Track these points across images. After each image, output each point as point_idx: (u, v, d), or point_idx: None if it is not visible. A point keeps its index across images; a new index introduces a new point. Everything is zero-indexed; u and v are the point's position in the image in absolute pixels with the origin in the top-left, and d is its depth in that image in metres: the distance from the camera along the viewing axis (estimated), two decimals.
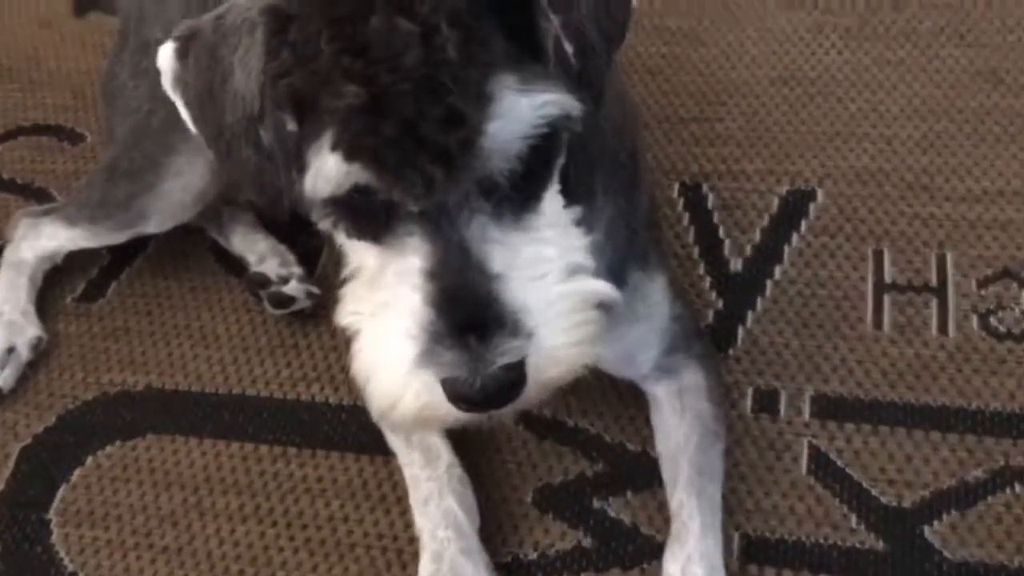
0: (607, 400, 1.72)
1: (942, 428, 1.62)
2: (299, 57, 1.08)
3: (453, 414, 1.15)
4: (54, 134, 2.27)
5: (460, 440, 1.63)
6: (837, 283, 1.79)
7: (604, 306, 1.20)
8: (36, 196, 2.15)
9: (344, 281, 1.23)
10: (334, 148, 1.06)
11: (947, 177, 1.89)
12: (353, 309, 1.20)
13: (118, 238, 1.90)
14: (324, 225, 1.19)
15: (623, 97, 1.59)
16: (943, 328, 1.72)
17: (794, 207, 1.89)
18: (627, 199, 1.47)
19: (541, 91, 1.10)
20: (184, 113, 1.24)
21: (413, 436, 1.62)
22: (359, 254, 1.19)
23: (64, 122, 2.29)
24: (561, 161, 1.20)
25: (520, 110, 1.08)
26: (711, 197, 1.93)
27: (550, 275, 1.15)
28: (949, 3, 2.12)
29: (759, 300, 1.79)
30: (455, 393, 1.11)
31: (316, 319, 1.89)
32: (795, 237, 1.86)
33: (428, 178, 1.05)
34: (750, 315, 1.78)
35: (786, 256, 1.84)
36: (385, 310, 1.15)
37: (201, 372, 1.86)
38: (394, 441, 1.65)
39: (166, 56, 1.23)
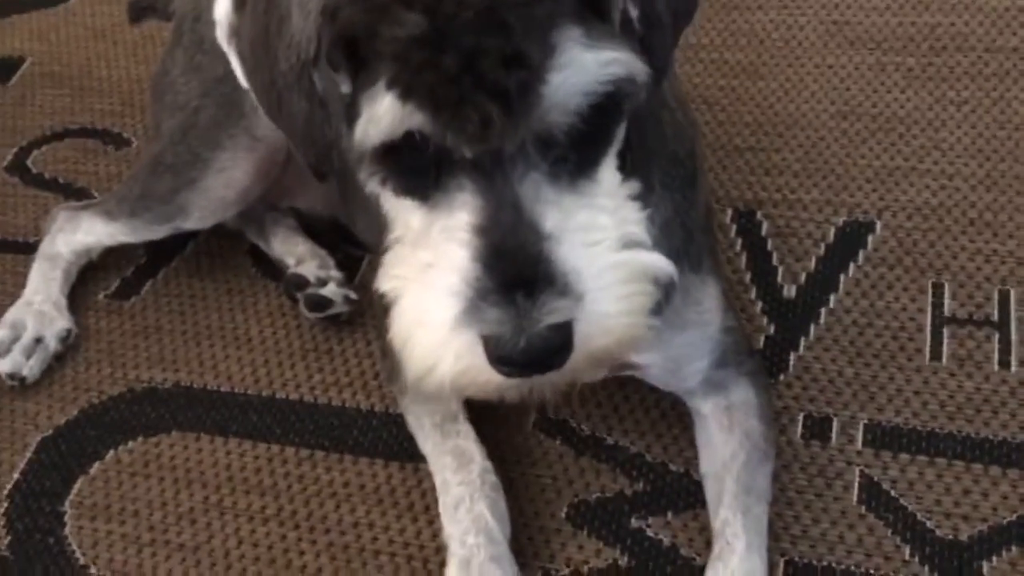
0: (650, 418, 1.65)
1: (1002, 463, 1.54)
2: None
3: (494, 379, 1.09)
4: (100, 138, 2.25)
5: (493, 450, 1.56)
6: (894, 314, 1.72)
7: (659, 283, 1.14)
8: (76, 196, 2.12)
9: (387, 248, 1.18)
10: (390, 86, 1.03)
11: (1011, 215, 1.82)
12: (395, 273, 1.15)
13: (157, 232, 1.86)
14: (372, 185, 1.15)
15: (683, 102, 1.55)
16: (1005, 363, 1.64)
17: (851, 237, 1.83)
18: (684, 197, 1.42)
19: (607, 48, 1.06)
20: (237, 66, 1.22)
21: (448, 441, 1.55)
22: (404, 215, 1.15)
23: (111, 127, 2.27)
24: (622, 132, 1.16)
25: (585, 63, 1.04)
26: (765, 224, 1.87)
27: (604, 243, 1.10)
28: (1016, 47, 2.08)
29: (812, 327, 1.73)
30: (498, 353, 1.06)
31: (352, 325, 1.83)
32: (852, 267, 1.79)
33: (485, 117, 1.00)
34: (803, 342, 1.71)
35: (842, 285, 1.77)
36: (429, 270, 1.10)
37: (232, 372, 1.81)
38: (425, 444, 1.58)
39: (223, 7, 1.20)
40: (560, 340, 1.06)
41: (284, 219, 1.97)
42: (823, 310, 1.74)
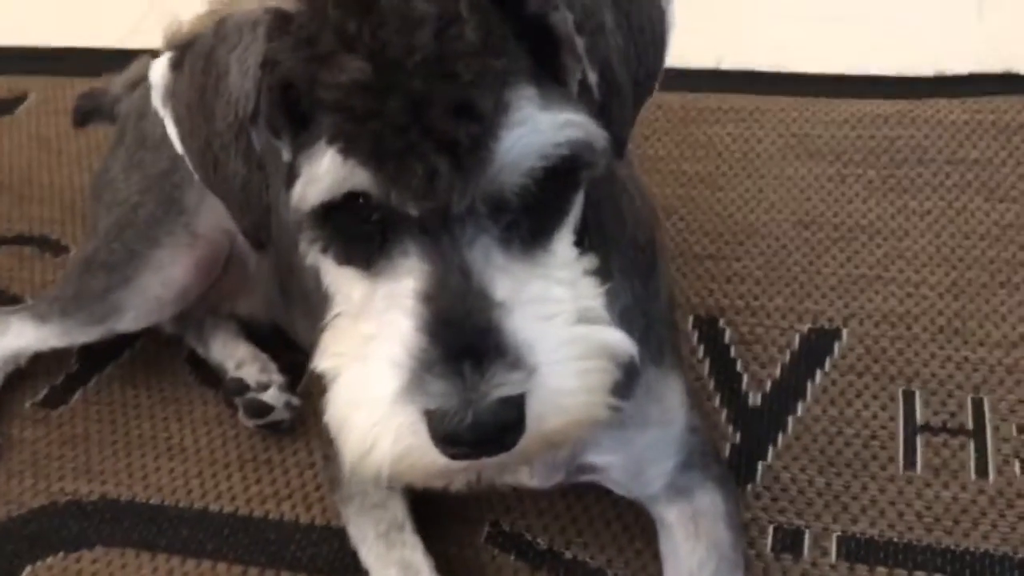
0: (611, 530, 1.54)
1: None
2: (300, 40, 0.98)
3: (438, 462, 0.99)
4: (37, 245, 2.16)
5: (442, 565, 1.45)
6: (865, 422, 1.65)
7: (618, 361, 1.05)
8: (10, 303, 2.00)
9: (327, 326, 1.09)
10: (331, 140, 0.96)
11: (980, 323, 1.77)
12: (335, 350, 1.06)
13: (90, 335, 1.75)
14: (312, 255, 1.07)
15: (643, 190, 1.49)
16: (983, 472, 1.56)
17: (817, 345, 1.77)
18: (644, 285, 1.35)
19: (565, 111, 1.00)
20: (172, 131, 1.14)
21: (393, 552, 1.43)
22: (346, 287, 1.07)
23: (49, 234, 2.18)
24: (579, 203, 1.10)
25: (540, 124, 0.98)
26: (728, 332, 1.80)
27: (560, 316, 1.02)
28: (977, 159, 2.06)
29: (780, 436, 1.64)
30: (443, 430, 0.96)
31: (294, 434, 1.73)
32: (819, 374, 1.72)
33: (431, 170, 0.93)
34: (770, 451, 1.62)
35: (809, 393, 1.70)
36: (370, 342, 1.01)
37: (162, 484, 1.69)
38: (368, 556, 1.46)
39: (159, 68, 1.14)
40: (511, 416, 0.97)
41: (224, 323, 1.87)
42: (790, 418, 1.67)
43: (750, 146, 2.17)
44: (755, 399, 1.70)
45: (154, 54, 2.08)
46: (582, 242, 1.11)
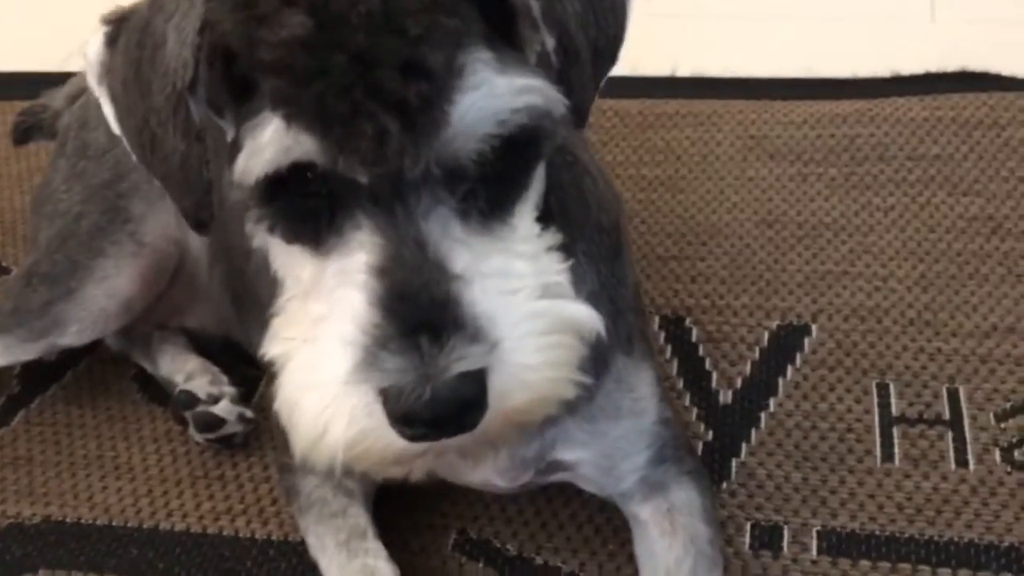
0: (583, 534, 1.48)
1: (971, 566, 1.39)
2: (239, 1, 0.92)
3: (395, 444, 0.93)
4: None
5: (408, 574, 1.38)
6: (840, 416, 1.60)
7: (584, 338, 1.00)
8: None
9: (277, 312, 1.03)
10: (274, 107, 0.90)
11: (951, 314, 1.73)
12: (284, 335, 1.00)
13: (30, 351, 1.67)
14: (259, 236, 1.01)
15: (604, 173, 1.44)
16: (962, 461, 1.52)
17: (787, 341, 1.72)
18: (611, 270, 1.29)
19: (522, 76, 0.95)
20: (108, 112, 1.07)
21: (355, 561, 1.36)
22: (296, 267, 1.00)
23: None
24: (540, 176, 1.05)
25: (497, 87, 0.93)
26: (695, 331, 1.76)
27: (523, 291, 0.96)
28: (937, 154, 2.03)
29: (753, 432, 1.60)
30: (400, 409, 0.90)
31: (247, 449, 1.65)
32: (790, 370, 1.68)
33: (380, 131, 0.87)
34: (744, 448, 1.57)
35: (781, 389, 1.65)
36: (321, 323, 0.95)
37: (109, 504, 1.61)
38: (329, 568, 1.38)
39: (94, 46, 1.07)
40: (472, 392, 0.91)
41: (173, 337, 1.79)
42: (763, 415, 1.62)
43: (709, 149, 2.14)
44: (726, 396, 1.65)
45: None
46: (546, 224, 1.06)
